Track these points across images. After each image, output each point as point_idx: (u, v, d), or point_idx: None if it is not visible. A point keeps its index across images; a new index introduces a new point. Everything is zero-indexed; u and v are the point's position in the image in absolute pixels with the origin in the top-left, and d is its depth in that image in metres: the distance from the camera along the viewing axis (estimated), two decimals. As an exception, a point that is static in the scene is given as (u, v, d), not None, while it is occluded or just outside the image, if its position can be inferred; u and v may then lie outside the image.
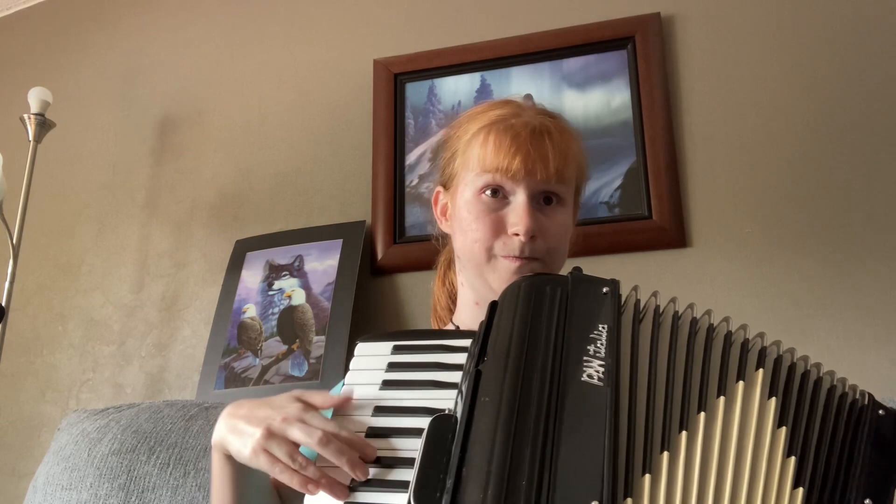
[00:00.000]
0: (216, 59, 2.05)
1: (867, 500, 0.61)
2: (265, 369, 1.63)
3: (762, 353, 0.67)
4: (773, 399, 0.64)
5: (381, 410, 0.66)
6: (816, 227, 1.48)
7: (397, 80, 1.81)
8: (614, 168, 1.61)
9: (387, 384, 0.68)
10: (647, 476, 0.57)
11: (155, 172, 2.00)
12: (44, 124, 1.86)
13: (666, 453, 0.59)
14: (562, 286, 0.68)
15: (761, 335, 0.69)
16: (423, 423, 0.61)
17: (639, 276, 1.48)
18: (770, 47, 1.61)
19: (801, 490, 0.59)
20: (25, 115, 1.84)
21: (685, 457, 0.59)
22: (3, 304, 1.64)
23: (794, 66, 1.58)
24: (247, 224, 1.86)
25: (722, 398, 0.63)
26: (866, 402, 0.68)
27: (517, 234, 0.86)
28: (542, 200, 0.89)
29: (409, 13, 1.89)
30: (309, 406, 0.69)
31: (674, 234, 1.53)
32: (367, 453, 0.63)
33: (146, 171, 2.01)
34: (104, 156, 2.07)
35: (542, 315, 0.65)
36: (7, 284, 1.72)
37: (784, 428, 0.62)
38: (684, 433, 0.60)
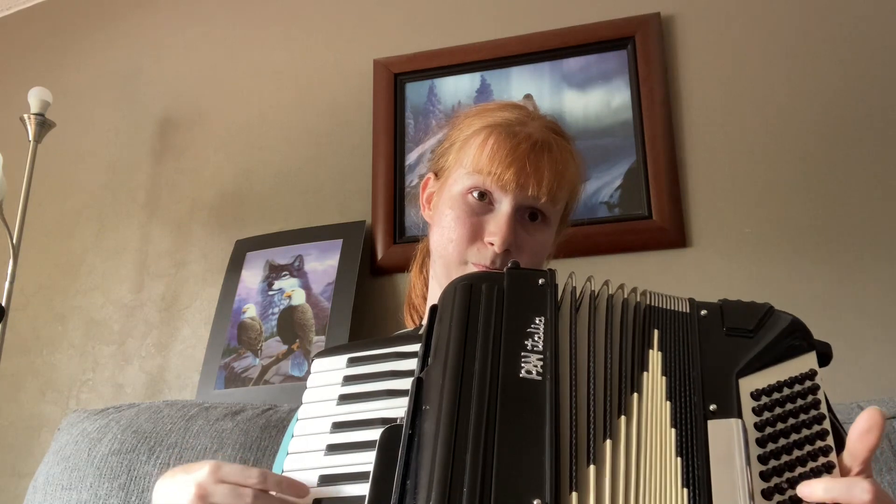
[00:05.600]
0: (216, 59, 2.05)
1: (712, 406, 0.60)
2: (265, 369, 1.63)
3: (654, 312, 0.67)
4: (660, 353, 0.63)
5: (339, 426, 0.66)
6: (816, 227, 1.48)
7: (397, 80, 1.81)
8: (614, 168, 1.61)
9: (343, 398, 0.68)
10: (592, 467, 0.56)
11: (155, 172, 2.00)
12: (44, 124, 1.85)
13: (609, 441, 0.58)
14: (498, 283, 0.67)
15: (644, 293, 0.68)
16: (380, 434, 0.61)
17: (639, 276, 1.49)
18: (770, 47, 1.61)
19: (673, 431, 0.59)
20: (25, 115, 1.84)
21: (625, 442, 0.58)
22: (3, 304, 1.64)
23: (794, 65, 1.58)
24: (247, 224, 1.86)
25: (645, 373, 0.62)
26: (687, 308, 0.68)
27: (492, 244, 0.84)
28: (527, 215, 0.87)
29: (409, 13, 1.89)
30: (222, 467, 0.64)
31: (674, 234, 1.53)
32: (300, 490, 0.61)
33: (146, 171, 2.01)
34: (104, 156, 2.07)
35: (479, 314, 0.64)
36: (7, 284, 1.72)
37: (665, 377, 0.62)
38: (623, 418, 0.59)
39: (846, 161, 1.50)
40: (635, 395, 0.61)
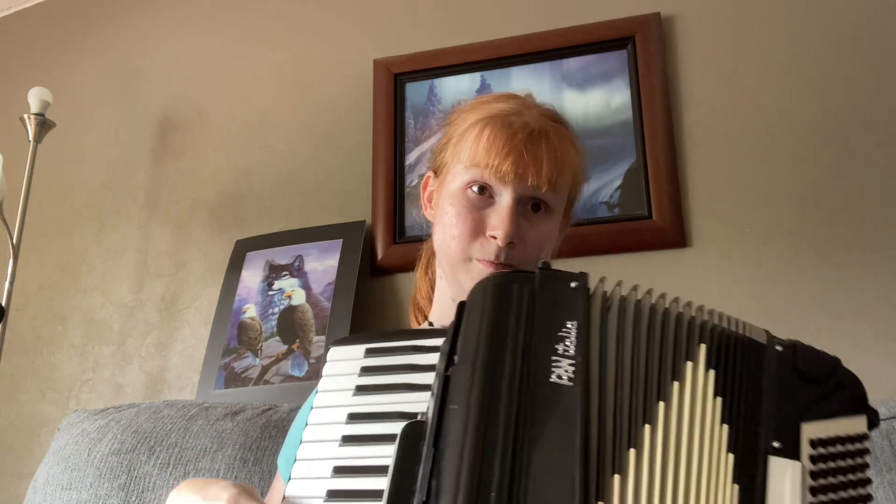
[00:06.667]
0: (216, 59, 2.05)
1: (776, 444, 0.60)
2: (265, 369, 1.63)
3: (703, 326, 0.65)
4: (712, 371, 0.63)
5: (354, 417, 0.65)
6: (816, 227, 1.48)
7: (397, 80, 1.81)
8: (614, 168, 1.61)
9: (360, 389, 0.66)
10: (617, 476, 0.56)
11: (155, 172, 2.00)
12: (44, 124, 1.86)
13: (633, 450, 0.57)
14: (529, 283, 0.65)
15: (700, 308, 0.68)
16: (398, 427, 0.60)
17: (639, 276, 1.48)
18: (770, 47, 1.61)
19: (731, 456, 0.59)
20: (25, 115, 1.84)
21: (649, 451, 0.57)
22: (3, 304, 1.64)
23: (793, 65, 1.58)
24: (247, 224, 1.86)
25: (676, 383, 0.61)
26: (764, 340, 0.67)
27: (495, 238, 0.82)
28: (529, 206, 0.85)
29: (409, 13, 1.89)
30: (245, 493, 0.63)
31: (674, 234, 1.53)
32: None
33: (146, 171, 2.01)
34: (104, 156, 2.07)
35: (510, 315, 0.63)
36: (7, 284, 1.72)
37: (720, 398, 0.61)
38: (647, 427, 0.59)
39: (846, 161, 1.50)
40: (661, 403, 0.60)
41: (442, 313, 0.93)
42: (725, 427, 0.60)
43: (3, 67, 2.31)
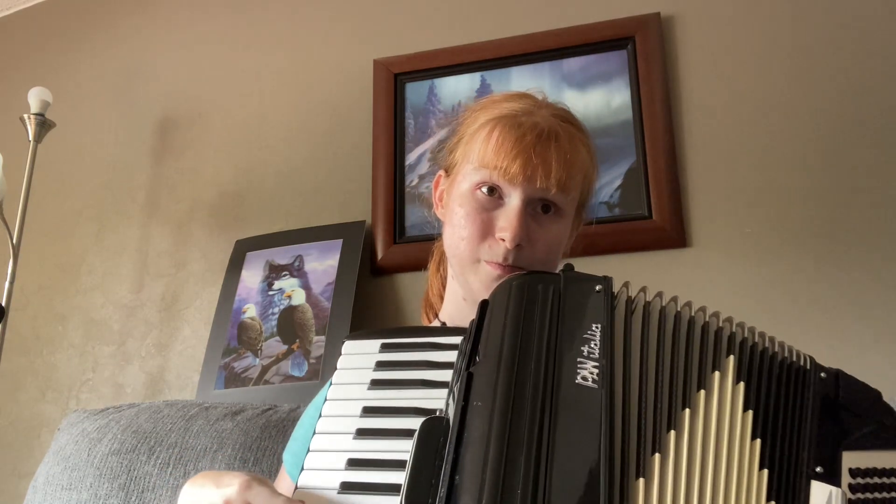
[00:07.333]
0: (216, 59, 2.05)
1: (818, 468, 0.60)
2: (265, 369, 1.63)
3: (731, 338, 0.66)
4: (741, 384, 0.63)
5: (369, 411, 0.65)
6: (816, 227, 1.48)
7: (397, 80, 1.81)
8: (614, 168, 1.61)
9: (375, 383, 0.67)
10: (641, 480, 0.56)
11: (155, 172, 2.00)
12: (44, 124, 1.85)
13: (657, 455, 0.58)
14: (554, 285, 0.66)
15: (729, 319, 0.68)
16: (413, 423, 0.60)
17: (639, 276, 1.48)
18: (770, 47, 1.61)
19: (765, 472, 0.59)
20: (25, 115, 1.84)
21: (674, 457, 0.58)
22: (3, 304, 1.64)
23: (793, 65, 1.58)
24: (247, 224, 1.86)
25: (702, 392, 0.62)
26: (808, 365, 0.68)
27: (503, 240, 0.82)
28: (539, 208, 0.85)
29: (409, 13, 1.89)
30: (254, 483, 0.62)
31: (674, 234, 1.53)
32: None
33: (146, 171, 2.01)
34: (104, 156, 2.07)
35: (535, 315, 0.64)
36: (7, 284, 1.72)
37: (750, 412, 0.62)
38: (672, 432, 0.59)
39: (846, 161, 1.50)
40: (686, 410, 0.60)
41: (453, 312, 0.93)
42: (757, 442, 0.60)
43: (3, 67, 2.31)
